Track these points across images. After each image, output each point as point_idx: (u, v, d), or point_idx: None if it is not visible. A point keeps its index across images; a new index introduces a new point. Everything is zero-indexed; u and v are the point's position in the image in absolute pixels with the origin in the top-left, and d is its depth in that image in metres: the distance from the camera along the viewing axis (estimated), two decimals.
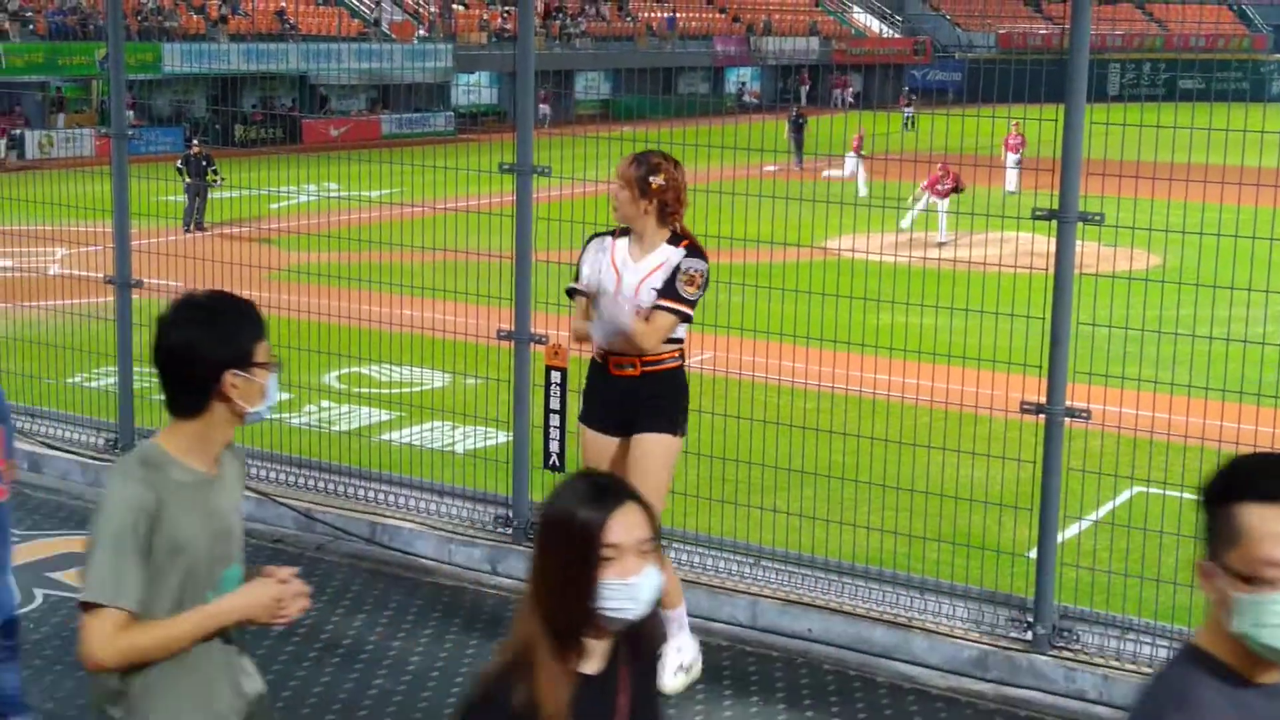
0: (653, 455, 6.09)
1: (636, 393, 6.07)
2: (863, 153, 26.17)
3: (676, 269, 5.97)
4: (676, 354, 6.11)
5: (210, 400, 3.46)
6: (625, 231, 6.16)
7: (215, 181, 24.68)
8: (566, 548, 2.79)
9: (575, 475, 2.93)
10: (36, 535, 8.15)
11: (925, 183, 24.91)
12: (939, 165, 24.72)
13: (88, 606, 3.33)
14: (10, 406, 9.77)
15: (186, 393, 3.48)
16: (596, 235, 6.27)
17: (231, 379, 3.44)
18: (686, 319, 6.00)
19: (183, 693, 3.46)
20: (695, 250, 6.05)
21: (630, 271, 6.03)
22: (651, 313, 5.95)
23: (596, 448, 6.20)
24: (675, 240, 6.06)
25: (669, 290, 5.95)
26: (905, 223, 24.85)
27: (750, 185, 6.45)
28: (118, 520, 3.36)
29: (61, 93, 42.38)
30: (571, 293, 6.30)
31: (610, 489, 2.83)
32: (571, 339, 6.44)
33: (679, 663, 6.28)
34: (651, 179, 6.01)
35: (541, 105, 50.12)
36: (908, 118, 38.90)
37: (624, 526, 2.77)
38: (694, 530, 7.64)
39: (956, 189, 24.78)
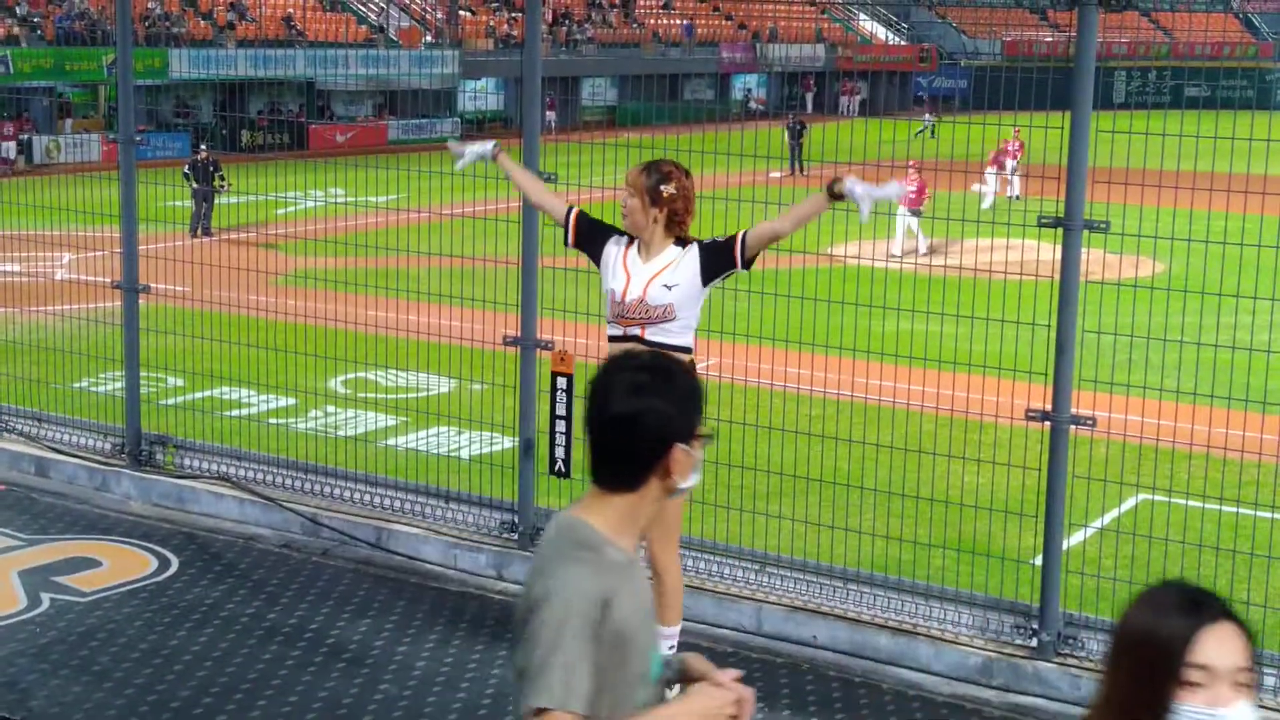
0: None
1: None
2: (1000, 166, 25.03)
3: (704, 246, 5.99)
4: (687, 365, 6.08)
5: (651, 475, 3.14)
6: (634, 239, 6.18)
7: (222, 188, 24.72)
8: (1140, 661, 2.44)
9: (1162, 584, 2.57)
10: (43, 540, 8.16)
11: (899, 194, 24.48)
12: (910, 173, 24.53)
13: (538, 710, 2.98)
14: (15, 410, 9.81)
15: (629, 465, 3.13)
16: (623, 235, 6.24)
17: (679, 453, 3.13)
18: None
19: None
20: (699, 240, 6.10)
21: (640, 271, 6.05)
22: (749, 239, 5.94)
23: None
24: (681, 244, 6.08)
25: (725, 244, 5.96)
26: (899, 249, 24.64)
27: (756, 192, 6.46)
28: (571, 613, 2.99)
29: (67, 98, 42.44)
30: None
31: (1205, 602, 2.48)
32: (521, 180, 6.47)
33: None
34: (663, 187, 6.02)
35: (548, 112, 50.30)
36: (928, 125, 38.80)
37: (1219, 646, 2.42)
38: (700, 536, 7.65)
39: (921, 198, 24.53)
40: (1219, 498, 9.93)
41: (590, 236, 6.25)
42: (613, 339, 6.13)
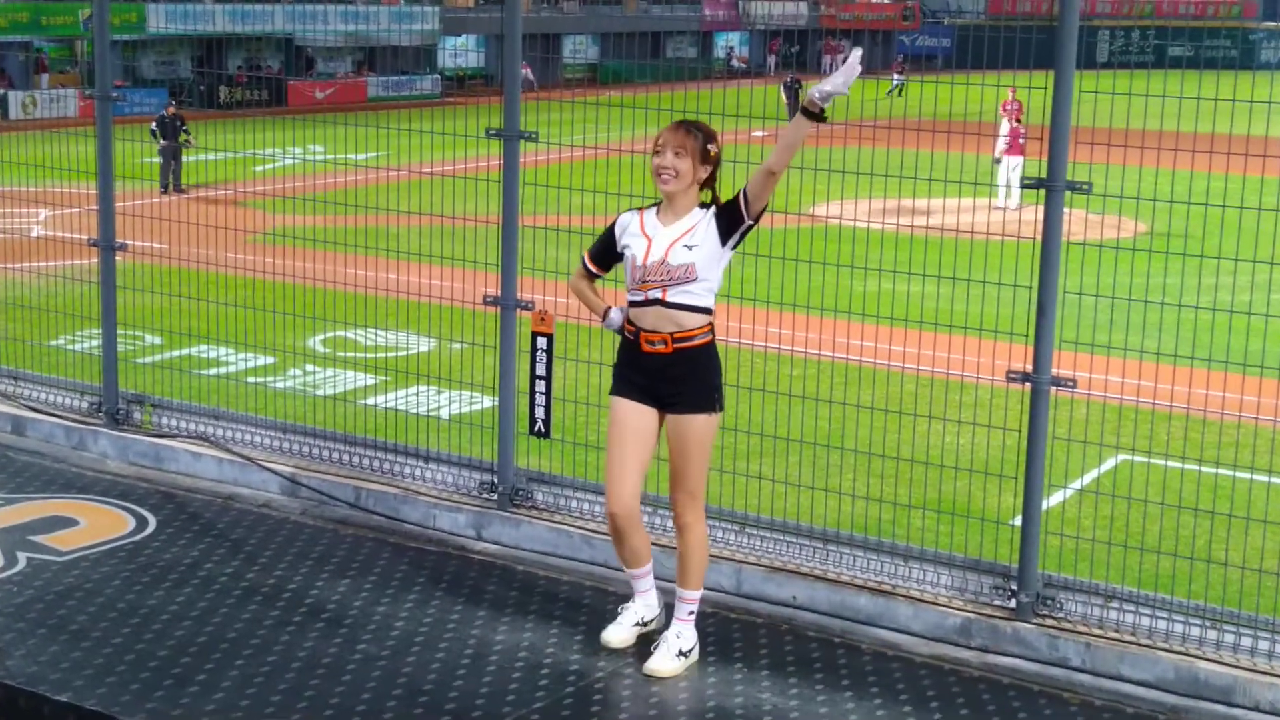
0: (691, 437, 6.09)
1: (670, 370, 6.04)
2: None
3: (722, 207, 5.98)
4: (707, 329, 6.07)
5: None
6: (649, 206, 6.15)
7: (187, 143, 24.65)
8: None
9: None
10: (20, 498, 8.13)
11: (1006, 142, 24.63)
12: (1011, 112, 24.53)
13: None
14: None
15: None
16: (626, 212, 6.22)
17: None
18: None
19: None
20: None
21: (661, 234, 6.03)
22: (756, 180, 5.88)
23: (627, 415, 6.14)
24: (704, 206, 6.07)
25: (737, 200, 5.92)
26: (1002, 201, 24.65)
27: (739, 151, 6.42)
28: None
29: (44, 53, 42.11)
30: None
31: None
32: (571, 292, 6.43)
33: (679, 648, 6.22)
34: (710, 146, 6.03)
35: (525, 72, 50.14)
36: (897, 84, 38.80)
37: None
38: None
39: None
40: (1199, 459, 9.97)
41: (607, 254, 6.25)
42: (633, 304, 6.10)
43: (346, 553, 7.45)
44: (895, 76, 42.94)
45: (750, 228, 6.03)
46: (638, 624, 6.38)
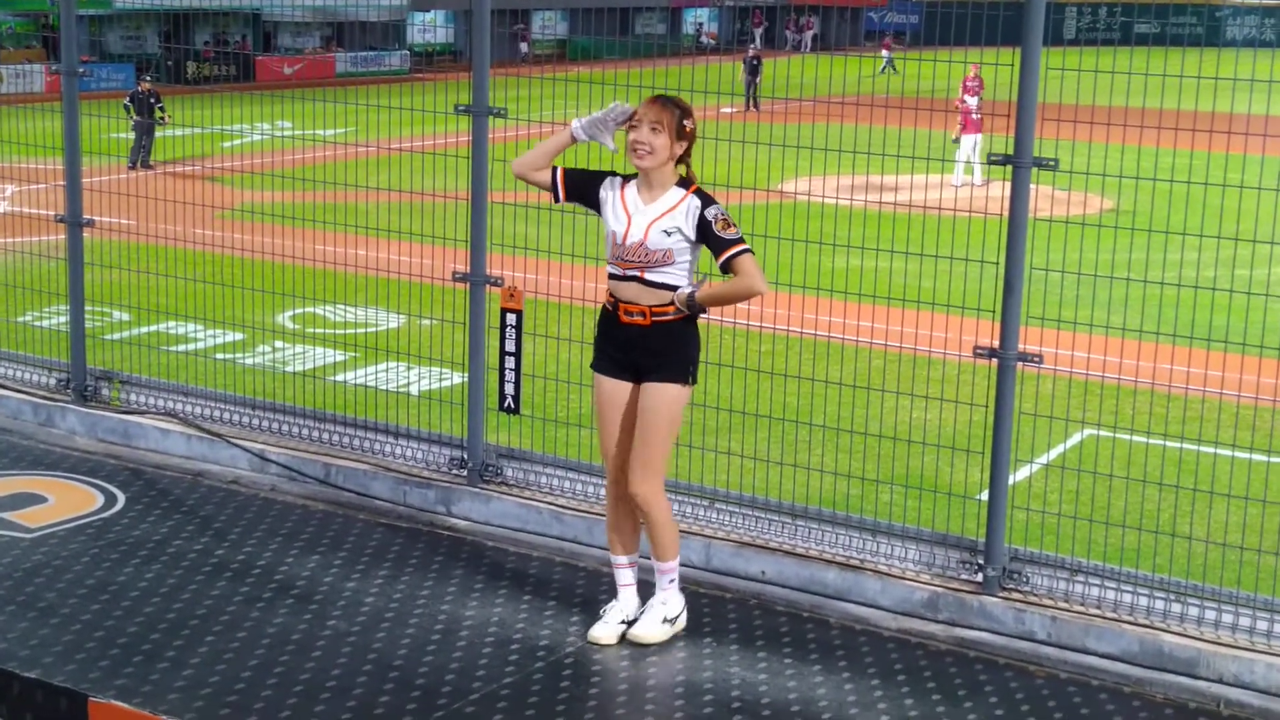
0: (659, 405, 6.09)
1: (646, 341, 6.07)
2: None
3: (704, 222, 5.96)
4: None
5: None
6: (630, 177, 6.15)
7: (162, 120, 24.51)
8: None
9: None
10: None
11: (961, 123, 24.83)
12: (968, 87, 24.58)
13: None
14: None
15: None
16: (614, 176, 6.22)
17: None
18: (749, 251, 6.00)
19: None
20: (704, 196, 6.04)
21: (641, 213, 6.02)
22: (733, 265, 5.95)
23: (609, 394, 6.19)
24: (683, 184, 6.06)
25: (719, 242, 5.94)
26: (958, 179, 24.66)
27: (707, 128, 6.43)
28: None
29: (10, 28, 41.74)
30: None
31: None
32: (524, 161, 6.24)
33: (664, 615, 6.28)
34: (686, 122, 6.03)
35: (522, 43, 49.93)
36: (888, 61, 38.79)
37: None
38: None
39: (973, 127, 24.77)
40: (1164, 434, 10.05)
41: (583, 188, 6.22)
42: (613, 278, 6.12)
43: (316, 529, 7.46)
44: (885, 53, 42.89)
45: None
46: (624, 622, 6.36)
